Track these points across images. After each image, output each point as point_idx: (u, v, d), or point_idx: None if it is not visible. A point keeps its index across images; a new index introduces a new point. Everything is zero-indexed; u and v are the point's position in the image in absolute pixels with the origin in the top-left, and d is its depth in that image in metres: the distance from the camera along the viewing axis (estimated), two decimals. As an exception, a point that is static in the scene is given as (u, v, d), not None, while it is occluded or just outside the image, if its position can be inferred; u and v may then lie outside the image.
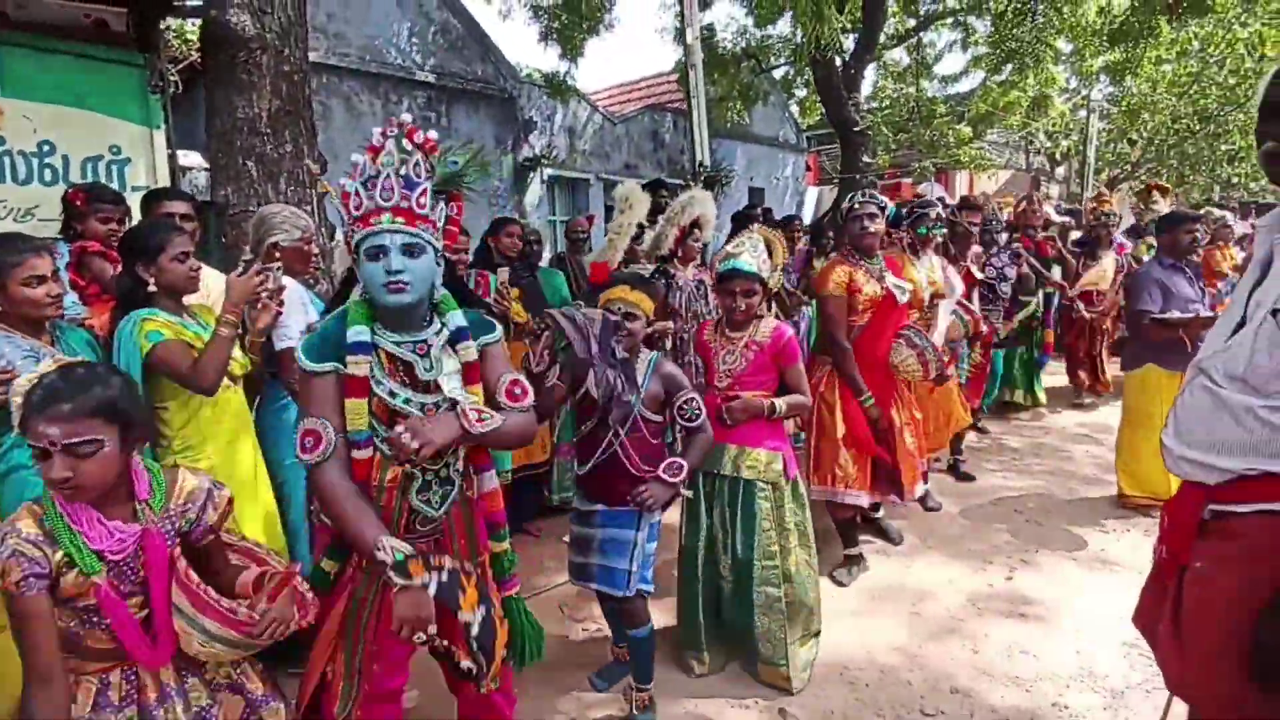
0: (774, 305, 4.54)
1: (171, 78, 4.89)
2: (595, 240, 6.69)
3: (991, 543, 3.81)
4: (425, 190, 1.58)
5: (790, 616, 2.59)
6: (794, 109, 15.47)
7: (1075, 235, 7.17)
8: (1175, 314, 3.94)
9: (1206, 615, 1.47)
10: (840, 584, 3.36)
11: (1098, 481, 4.69)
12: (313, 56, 7.52)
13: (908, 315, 3.50)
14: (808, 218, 14.88)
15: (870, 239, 3.30)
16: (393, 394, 1.60)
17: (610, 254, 3.98)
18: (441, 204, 1.64)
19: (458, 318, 1.68)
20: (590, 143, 11.26)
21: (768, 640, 2.58)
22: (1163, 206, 7.10)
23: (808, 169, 15.93)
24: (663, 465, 2.26)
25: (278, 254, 2.58)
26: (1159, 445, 4.14)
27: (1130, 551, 3.67)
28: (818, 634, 2.79)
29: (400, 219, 1.54)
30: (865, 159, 9.35)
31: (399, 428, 1.50)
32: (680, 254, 4.05)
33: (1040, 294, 5.98)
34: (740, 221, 5.64)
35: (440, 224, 1.63)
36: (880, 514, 3.88)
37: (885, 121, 13.80)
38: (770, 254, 2.69)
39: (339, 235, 5.11)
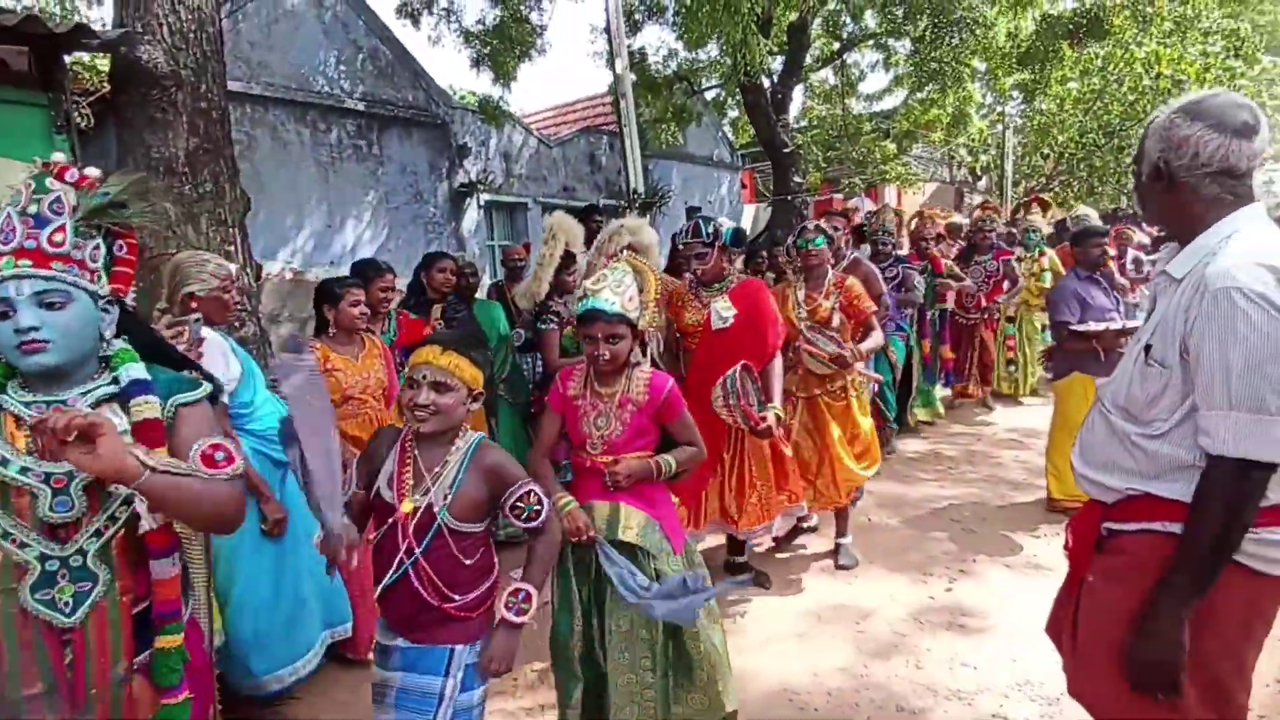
0: None
1: (82, 112, 4.69)
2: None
3: (930, 553, 3.91)
4: (63, 227, 1.31)
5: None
6: (727, 128, 15.79)
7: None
8: (1091, 325, 4.15)
9: (1094, 626, 1.57)
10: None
11: (1028, 486, 4.87)
12: (235, 86, 7.34)
13: (764, 346, 3.15)
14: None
15: (699, 268, 3.19)
16: (4, 461, 1.26)
17: (536, 286, 3.95)
18: (99, 242, 1.37)
19: (134, 371, 1.38)
20: (527, 167, 11.23)
21: None
22: (1039, 220, 7.51)
23: (743, 187, 16.23)
24: (504, 596, 1.73)
25: (194, 304, 2.48)
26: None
27: (1060, 556, 3.78)
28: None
29: (26, 260, 1.27)
30: (796, 178, 9.59)
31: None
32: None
33: (935, 310, 6.07)
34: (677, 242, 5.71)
35: (99, 264, 1.36)
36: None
37: (815, 140, 14.20)
38: (642, 288, 2.29)
39: (270, 269, 4.94)
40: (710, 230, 3.09)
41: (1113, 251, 6.75)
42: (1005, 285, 6.35)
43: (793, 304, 3.67)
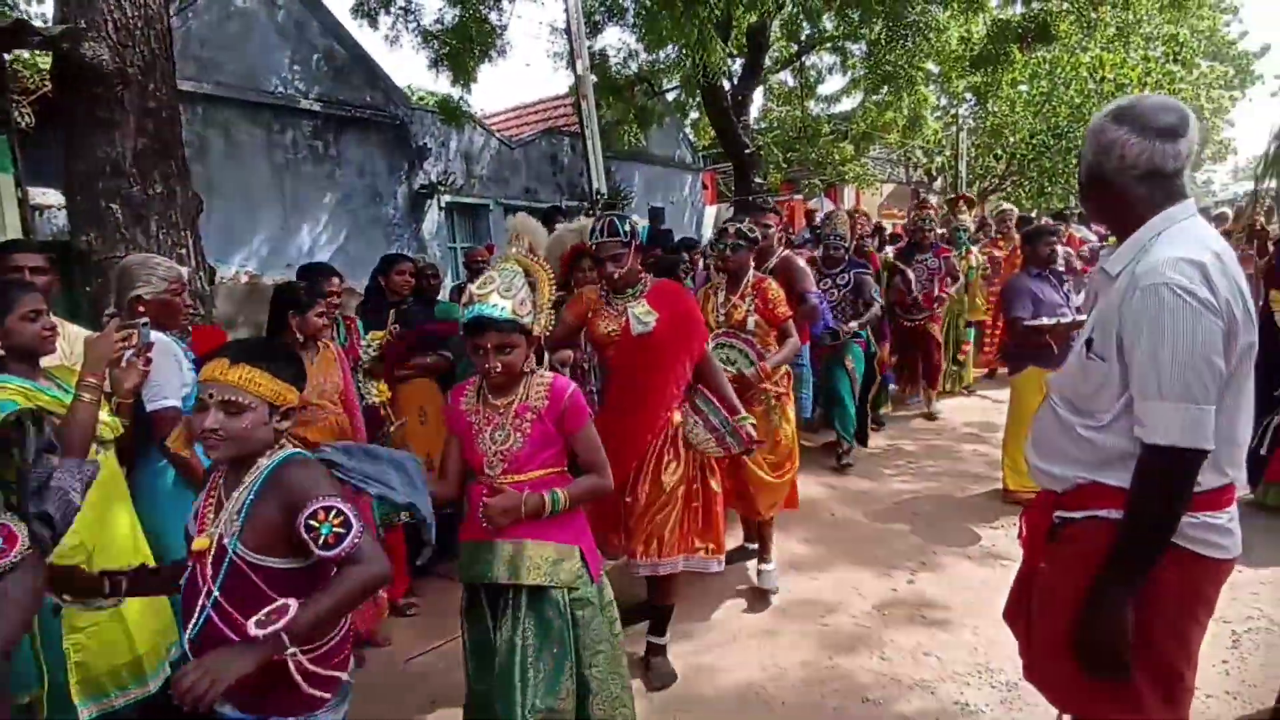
0: None
1: (23, 111, 4.52)
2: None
3: (893, 547, 3.98)
4: None
5: None
6: (689, 130, 15.87)
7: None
8: (1044, 320, 4.28)
9: (1047, 612, 1.63)
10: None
11: (986, 478, 4.98)
12: (185, 86, 7.15)
13: (693, 349, 2.82)
14: (707, 236, 15.25)
15: (607, 274, 2.76)
16: None
17: None
18: None
19: None
20: (488, 168, 11.15)
21: None
22: (967, 218, 7.64)
23: (705, 188, 16.34)
24: (252, 620, 1.33)
25: (141, 308, 2.41)
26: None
27: (1016, 546, 3.89)
28: None
29: None
30: (758, 179, 9.69)
31: None
32: (573, 284, 4.06)
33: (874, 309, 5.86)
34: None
35: None
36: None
37: (775, 142, 14.36)
38: (534, 287, 2.07)
39: (223, 274, 4.81)
40: (627, 229, 2.74)
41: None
42: (949, 281, 6.40)
43: (712, 307, 3.49)
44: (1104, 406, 1.50)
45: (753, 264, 3.64)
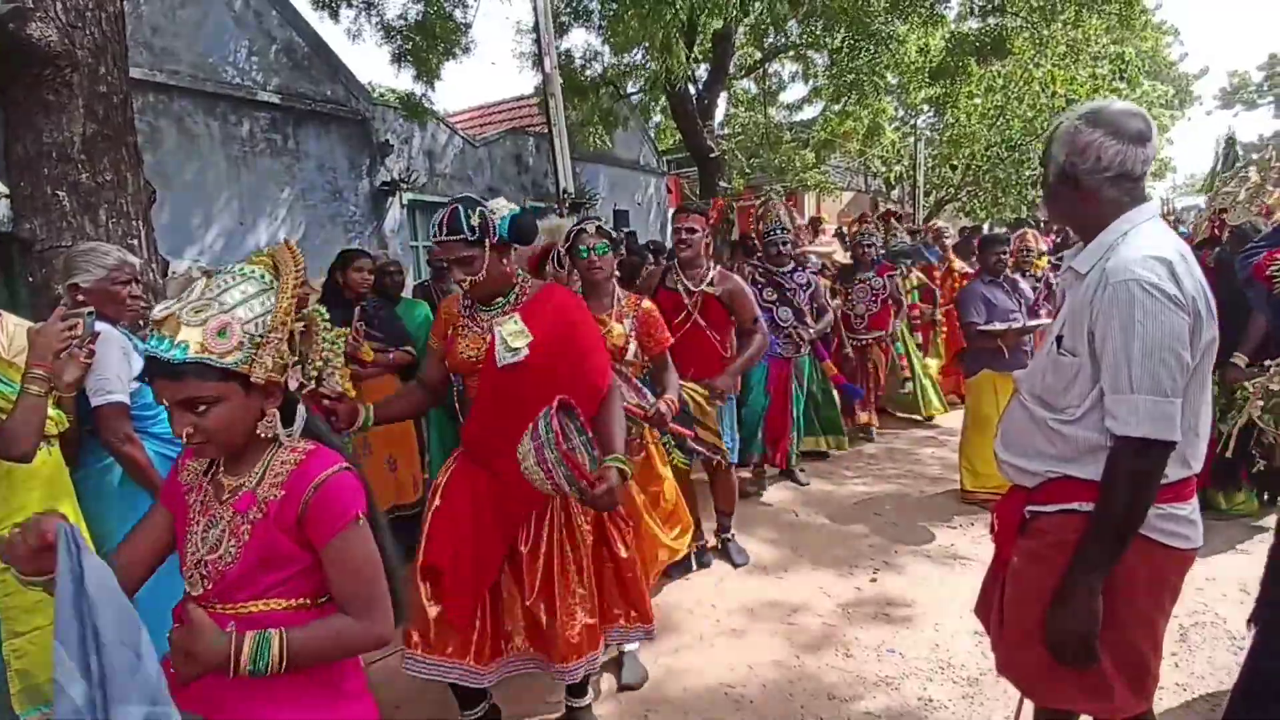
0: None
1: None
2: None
3: (856, 548, 4.03)
4: None
5: None
6: (652, 133, 15.92)
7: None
8: (996, 325, 4.41)
9: (1019, 605, 1.66)
10: None
11: (943, 480, 5.09)
12: (137, 74, 6.89)
13: (587, 382, 2.21)
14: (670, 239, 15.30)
15: (465, 278, 2.09)
16: None
17: None
18: None
19: None
20: (451, 166, 11.01)
21: None
22: (902, 233, 7.55)
23: (669, 191, 16.41)
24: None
25: (80, 296, 2.30)
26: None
27: (974, 545, 4.00)
28: None
29: None
30: (722, 183, 9.77)
31: None
32: None
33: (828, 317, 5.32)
34: None
35: None
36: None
37: (739, 147, 14.50)
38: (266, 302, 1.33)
39: (176, 267, 4.68)
40: (475, 222, 2.02)
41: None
42: (893, 306, 5.99)
43: None
44: (1075, 401, 1.54)
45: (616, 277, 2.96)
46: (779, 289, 4.64)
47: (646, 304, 2.91)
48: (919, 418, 6.68)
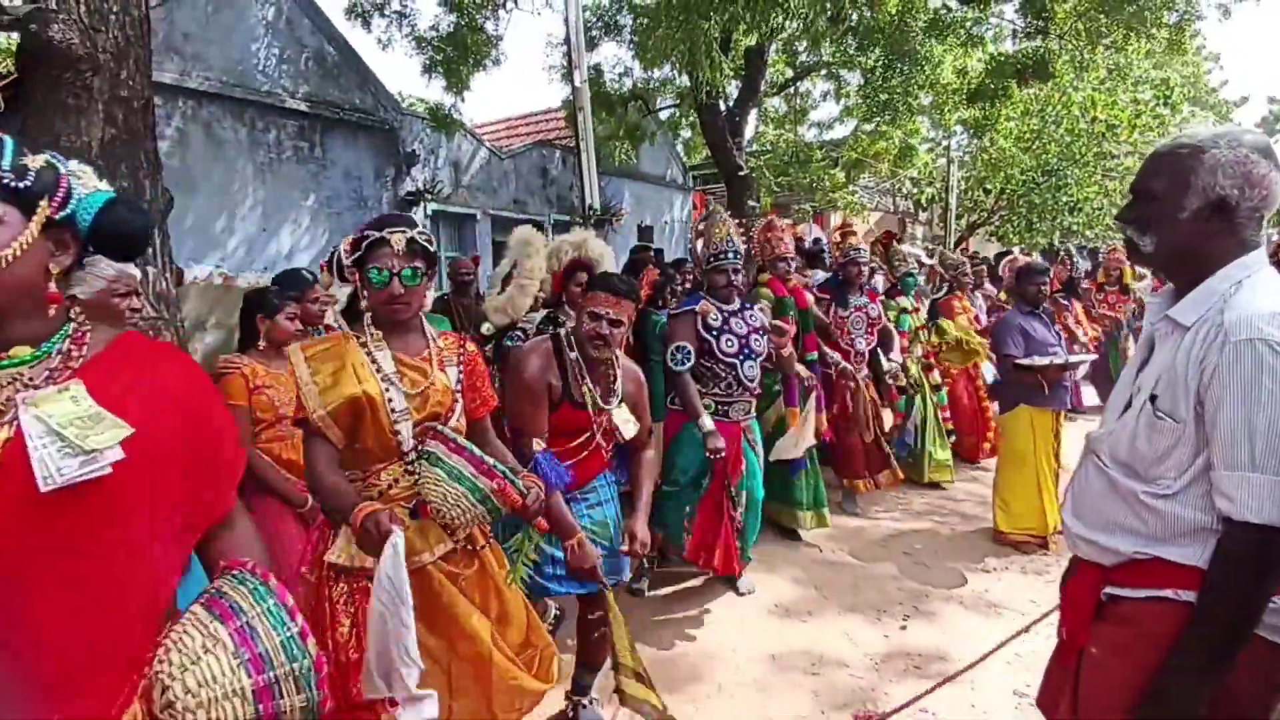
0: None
1: (-13, 96, 4.28)
2: (481, 282, 6.43)
3: (885, 590, 3.82)
4: None
5: None
6: (680, 149, 15.83)
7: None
8: (1036, 359, 4.18)
9: (1100, 703, 1.45)
10: None
11: (976, 518, 4.86)
12: (168, 79, 6.93)
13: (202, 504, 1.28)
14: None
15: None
16: None
17: (521, 300, 3.72)
18: None
19: None
20: (477, 177, 10.98)
21: None
22: (910, 258, 5.92)
23: (695, 208, 16.30)
24: None
25: (78, 308, 2.18)
26: (1034, 483, 4.28)
27: (1010, 592, 3.78)
28: None
29: None
30: (751, 201, 9.62)
31: None
32: (566, 300, 3.90)
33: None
34: (634, 263, 5.54)
35: None
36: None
37: (767, 165, 14.36)
38: None
39: (191, 275, 4.59)
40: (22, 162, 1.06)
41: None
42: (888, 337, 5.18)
43: (367, 375, 1.82)
44: (1171, 472, 1.34)
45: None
46: (737, 337, 3.53)
47: (472, 348, 2.07)
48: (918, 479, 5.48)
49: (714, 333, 3.53)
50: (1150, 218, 1.42)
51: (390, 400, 1.82)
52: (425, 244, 1.88)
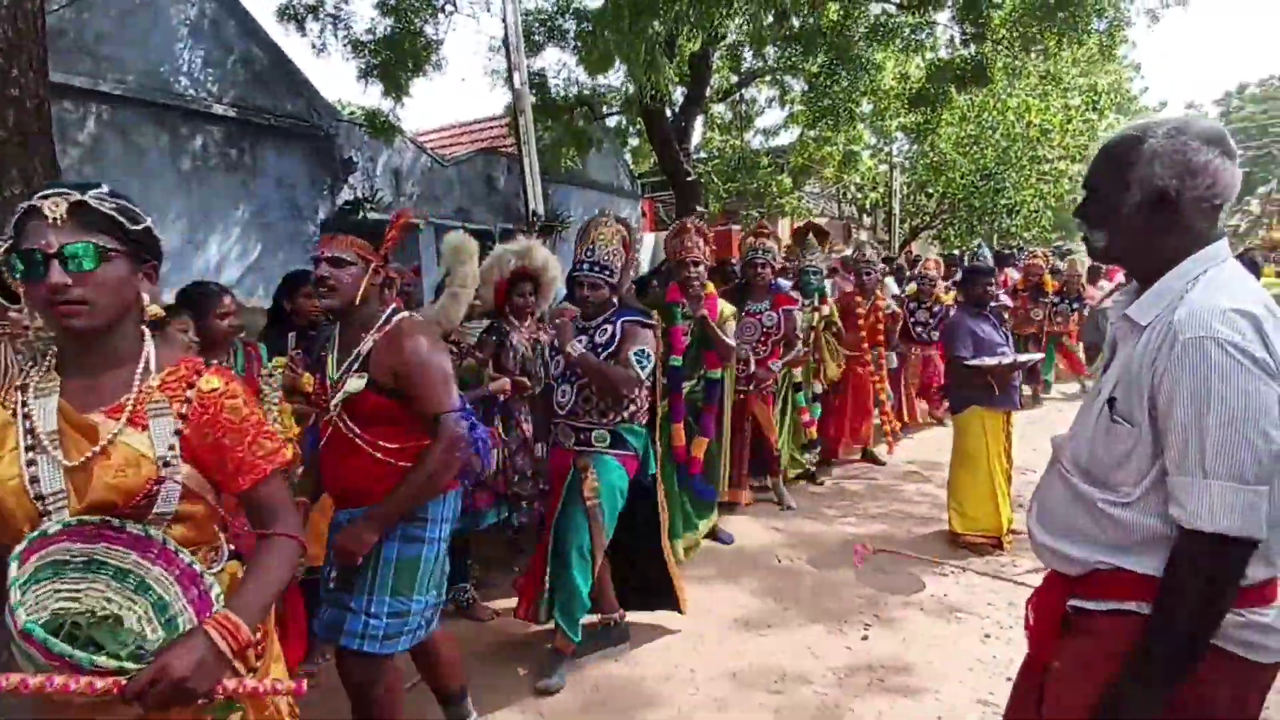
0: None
1: None
2: (424, 293, 6.19)
3: (844, 598, 3.75)
4: None
5: None
6: (628, 156, 15.75)
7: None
8: (986, 360, 4.18)
9: (1061, 717, 1.36)
10: None
11: (931, 520, 4.84)
12: (80, 82, 6.51)
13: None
14: (646, 264, 15.09)
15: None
16: None
17: (454, 310, 3.53)
18: None
19: None
20: (419, 186, 10.68)
21: None
22: (819, 256, 5.56)
23: (644, 215, 16.23)
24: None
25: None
26: (987, 484, 4.26)
27: (968, 595, 3.75)
28: None
29: None
30: (699, 207, 9.58)
31: None
32: (509, 309, 3.74)
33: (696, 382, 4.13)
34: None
35: None
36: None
37: (715, 171, 14.41)
38: None
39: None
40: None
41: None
42: (782, 350, 4.71)
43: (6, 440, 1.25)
44: (1131, 479, 1.26)
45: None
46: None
47: (213, 383, 1.34)
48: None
49: (553, 350, 3.19)
50: (1097, 213, 1.36)
51: (34, 480, 1.20)
52: (114, 210, 1.23)
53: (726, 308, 4.21)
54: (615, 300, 3.06)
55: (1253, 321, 1.15)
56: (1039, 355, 5.94)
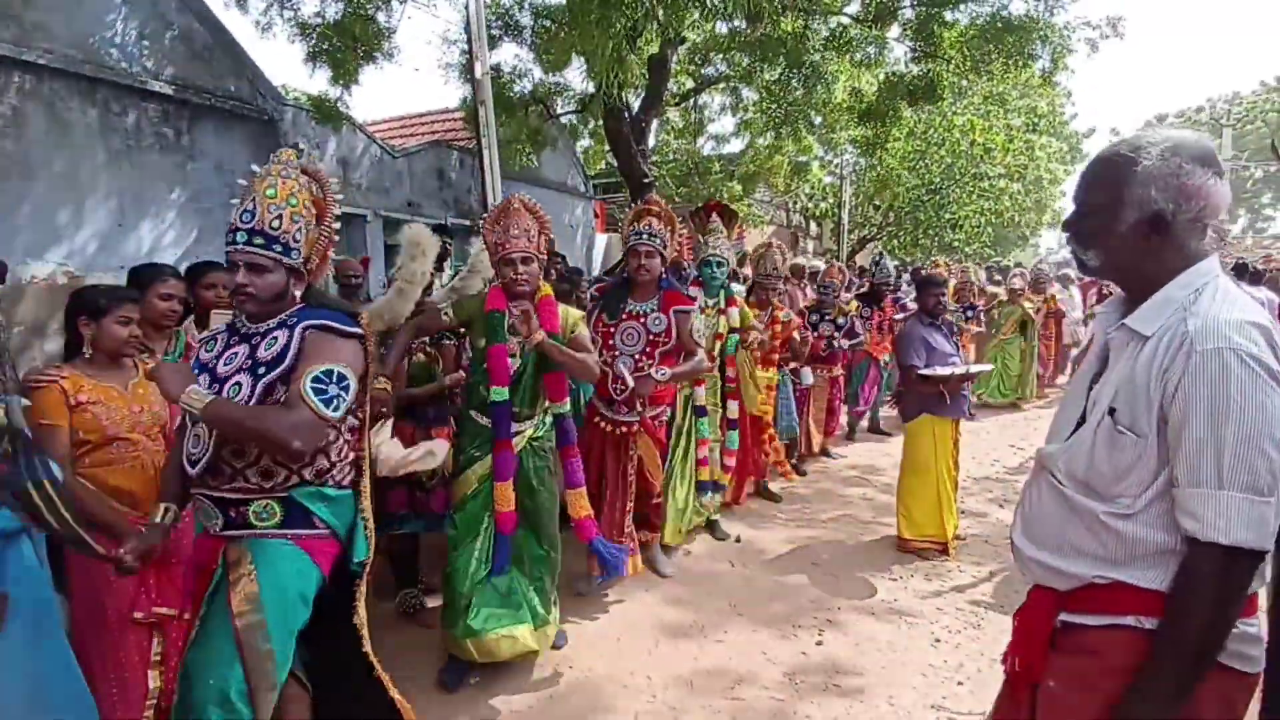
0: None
1: None
2: (372, 286, 6.00)
3: (795, 603, 3.75)
4: None
5: None
6: (580, 156, 15.65)
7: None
8: (938, 369, 4.27)
9: None
10: None
11: (876, 525, 4.91)
12: (1, 50, 6.07)
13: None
14: (598, 265, 15.02)
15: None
16: None
17: (401, 305, 3.39)
18: None
19: None
20: (367, 176, 10.37)
21: None
22: (725, 242, 4.53)
23: (596, 216, 16.15)
24: None
25: None
26: (934, 491, 4.33)
27: (917, 600, 3.80)
28: None
29: None
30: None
31: None
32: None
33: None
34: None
35: None
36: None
37: (670, 174, 14.44)
38: None
39: (29, 273, 3.98)
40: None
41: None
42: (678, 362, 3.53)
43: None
44: (1132, 490, 1.25)
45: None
46: None
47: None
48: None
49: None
50: (1090, 232, 1.36)
51: None
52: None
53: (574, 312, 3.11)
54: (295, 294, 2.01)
55: (1264, 333, 1.17)
56: (989, 366, 6.06)
